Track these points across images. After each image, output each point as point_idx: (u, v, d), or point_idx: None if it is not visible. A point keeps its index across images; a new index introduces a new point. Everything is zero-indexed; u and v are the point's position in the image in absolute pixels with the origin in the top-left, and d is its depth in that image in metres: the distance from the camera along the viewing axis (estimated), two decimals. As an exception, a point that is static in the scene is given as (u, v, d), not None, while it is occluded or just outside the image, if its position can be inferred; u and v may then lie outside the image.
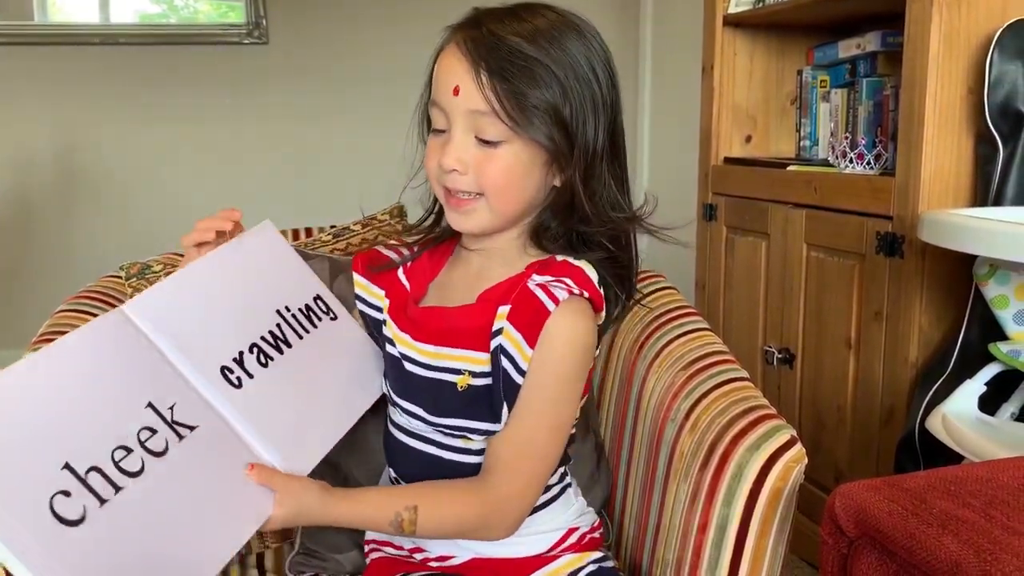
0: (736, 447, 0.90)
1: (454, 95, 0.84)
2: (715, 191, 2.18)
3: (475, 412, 0.89)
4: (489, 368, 0.88)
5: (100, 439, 0.70)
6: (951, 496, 0.74)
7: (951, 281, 1.53)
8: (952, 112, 1.50)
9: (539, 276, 0.89)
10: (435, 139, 0.89)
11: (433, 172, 0.89)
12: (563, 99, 0.85)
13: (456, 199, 0.88)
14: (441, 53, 0.88)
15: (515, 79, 0.83)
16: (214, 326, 0.83)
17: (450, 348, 0.91)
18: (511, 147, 0.86)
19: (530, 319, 0.86)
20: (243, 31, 3.26)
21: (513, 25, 0.85)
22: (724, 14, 2.12)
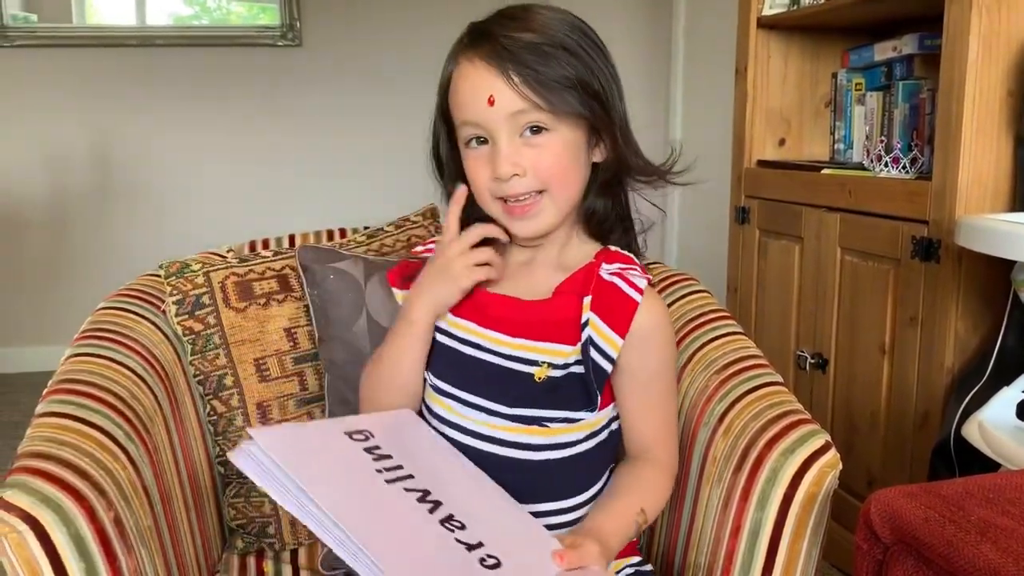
0: (770, 451, 0.90)
1: (489, 105, 0.86)
2: (748, 194, 2.17)
3: (553, 401, 0.90)
4: (572, 360, 0.90)
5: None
6: (989, 503, 0.73)
7: (988, 286, 1.51)
8: (991, 115, 1.48)
9: (608, 265, 0.93)
10: (476, 154, 0.90)
11: (485, 186, 0.90)
12: (588, 72, 0.89)
13: (520, 206, 0.90)
14: (454, 77, 0.90)
15: (542, 68, 0.86)
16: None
17: (529, 340, 0.91)
18: (556, 134, 0.88)
19: (616, 309, 0.90)
20: (277, 33, 3.30)
21: (514, 24, 0.88)
22: (758, 16, 2.11)
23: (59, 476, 0.78)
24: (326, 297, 1.12)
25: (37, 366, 3.14)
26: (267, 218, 3.31)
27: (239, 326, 1.13)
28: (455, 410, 0.93)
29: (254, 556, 1.14)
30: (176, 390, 1.09)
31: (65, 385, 0.94)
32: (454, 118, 0.91)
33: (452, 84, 0.90)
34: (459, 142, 0.92)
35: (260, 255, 1.20)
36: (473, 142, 0.90)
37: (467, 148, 0.91)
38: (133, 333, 1.07)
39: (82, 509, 0.77)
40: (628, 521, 0.90)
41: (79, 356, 1.00)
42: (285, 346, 1.15)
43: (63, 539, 0.75)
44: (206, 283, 1.14)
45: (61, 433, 0.85)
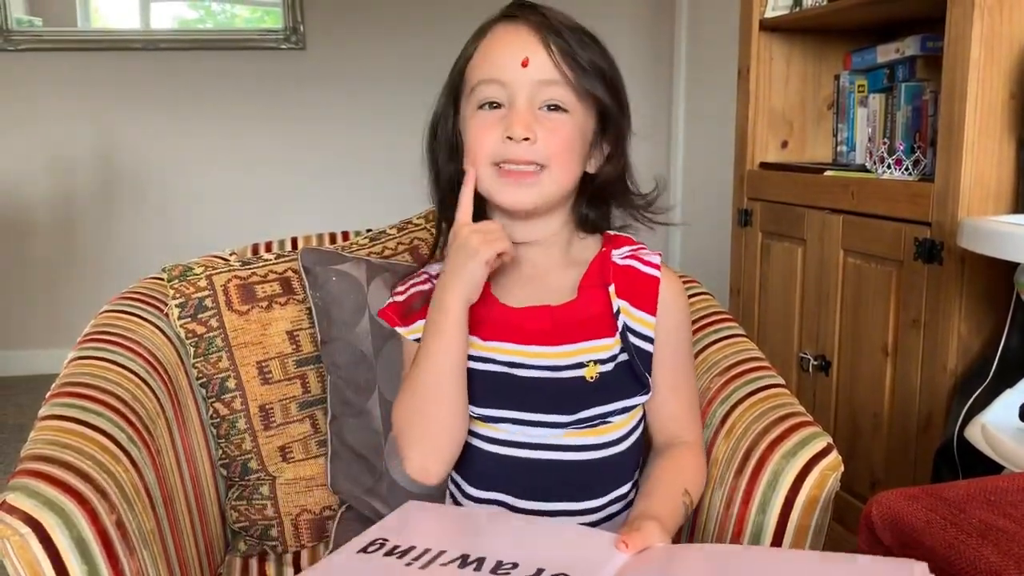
0: (772, 454, 0.90)
1: (522, 67, 0.87)
2: (751, 196, 2.16)
3: (609, 396, 0.90)
4: (615, 352, 0.91)
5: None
6: (991, 506, 0.73)
7: (991, 288, 1.51)
8: (993, 117, 1.48)
9: (617, 250, 0.95)
10: (487, 115, 0.89)
11: (489, 148, 0.89)
12: (610, 67, 0.91)
13: (517, 173, 0.89)
14: (486, 41, 0.91)
15: (578, 48, 0.88)
16: None
17: (570, 344, 0.90)
18: (574, 116, 0.90)
19: (639, 289, 0.93)
20: (281, 36, 3.30)
21: (550, 9, 0.91)
22: (761, 18, 2.11)
23: (62, 479, 0.78)
24: (328, 299, 1.13)
25: (42, 369, 3.15)
26: (271, 220, 3.32)
27: (241, 329, 1.13)
28: (514, 432, 0.91)
29: (256, 559, 1.14)
30: (179, 393, 1.09)
31: (68, 388, 0.94)
32: (471, 80, 0.90)
33: (481, 49, 0.90)
34: (467, 110, 0.91)
35: (262, 258, 1.20)
36: (486, 106, 0.89)
37: (477, 111, 0.90)
38: (136, 336, 1.07)
39: (84, 512, 0.77)
40: (677, 504, 0.89)
41: (82, 359, 1.00)
42: (287, 349, 1.15)
43: (65, 542, 0.76)
44: (208, 286, 1.14)
45: (64, 436, 0.85)
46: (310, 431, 1.16)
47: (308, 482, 1.15)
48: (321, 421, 1.16)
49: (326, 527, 1.15)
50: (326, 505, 1.15)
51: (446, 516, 0.88)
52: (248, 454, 1.14)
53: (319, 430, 1.16)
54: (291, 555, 1.15)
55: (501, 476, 0.92)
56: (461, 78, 0.92)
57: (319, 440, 1.16)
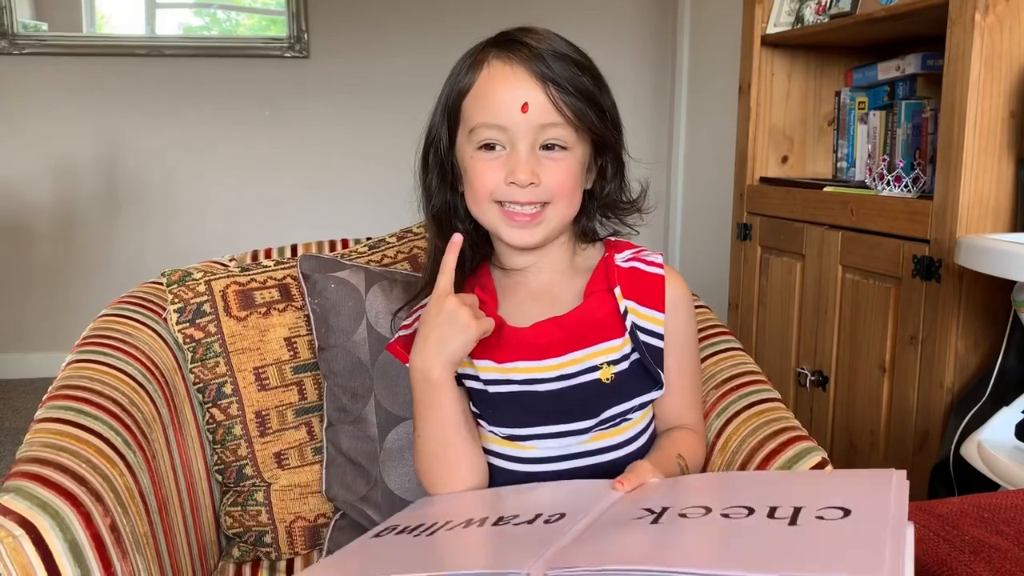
0: (766, 468, 0.90)
1: (522, 112, 0.86)
2: (750, 211, 2.17)
3: (627, 393, 0.91)
4: (626, 351, 0.91)
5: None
6: (983, 523, 0.73)
7: (989, 306, 1.51)
8: (992, 136, 1.49)
9: (619, 254, 0.96)
10: (488, 159, 0.89)
11: (490, 190, 0.89)
12: (602, 89, 0.91)
13: (524, 215, 0.90)
14: (483, 78, 0.89)
15: (574, 85, 0.87)
16: None
17: (580, 351, 0.91)
18: (573, 152, 0.90)
19: (645, 288, 0.94)
20: (285, 45, 3.32)
21: (540, 36, 0.89)
22: (762, 34, 2.12)
23: (56, 482, 0.78)
24: (327, 306, 1.13)
25: (41, 372, 3.16)
26: (272, 228, 3.33)
27: (239, 335, 1.13)
28: (540, 447, 0.92)
29: (250, 565, 1.14)
30: (176, 398, 1.09)
31: (64, 391, 0.94)
32: (470, 119, 0.90)
33: (478, 85, 0.89)
34: (466, 145, 0.91)
35: (262, 264, 1.21)
36: (485, 148, 0.89)
37: (477, 151, 0.90)
38: (134, 340, 1.08)
39: (79, 515, 0.77)
40: (671, 462, 0.90)
41: (79, 362, 1.01)
42: (285, 355, 1.15)
43: (59, 544, 0.75)
44: (207, 291, 1.14)
45: (59, 439, 0.85)
46: (306, 438, 1.16)
47: (303, 489, 1.15)
48: (317, 428, 1.16)
49: (320, 534, 1.15)
50: (320, 512, 1.15)
51: (452, 497, 0.89)
52: (243, 460, 1.14)
53: (315, 437, 1.16)
54: (285, 562, 1.15)
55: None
56: (457, 109, 0.92)
57: (315, 447, 1.16)
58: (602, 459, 0.92)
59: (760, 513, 0.63)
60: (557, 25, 0.98)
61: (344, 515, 1.12)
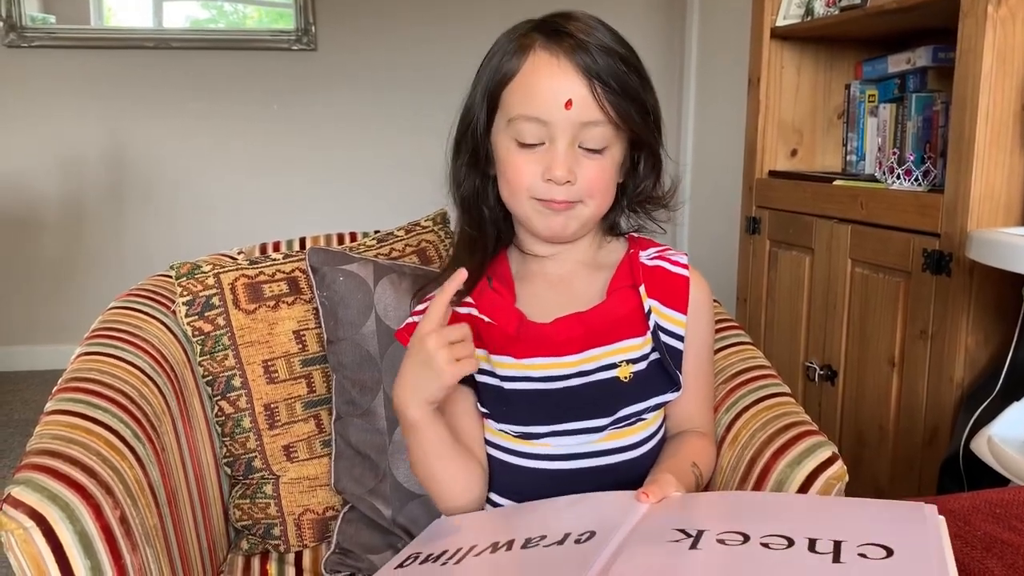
0: (776, 462, 0.90)
1: (566, 108, 0.85)
2: (759, 204, 2.16)
3: (643, 392, 0.91)
4: (646, 351, 0.91)
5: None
6: (996, 519, 0.72)
7: (999, 301, 1.50)
8: (1004, 129, 1.48)
9: (644, 252, 0.96)
10: (526, 154, 0.88)
11: (528, 184, 0.88)
12: (645, 89, 0.90)
13: (558, 204, 0.88)
14: (526, 69, 0.86)
15: (620, 83, 0.85)
16: None
17: (600, 347, 0.90)
18: (611, 151, 0.89)
19: (670, 289, 0.93)
20: (292, 37, 3.31)
21: (586, 27, 0.87)
22: (772, 27, 2.11)
23: (66, 474, 0.79)
24: (335, 299, 1.13)
25: (49, 365, 3.17)
26: (280, 221, 3.33)
27: (248, 327, 1.13)
28: (554, 444, 0.91)
29: (259, 557, 1.15)
30: (185, 390, 1.09)
31: (74, 383, 0.94)
32: (510, 108, 0.88)
33: (521, 74, 0.87)
34: (503, 133, 0.89)
35: (270, 257, 1.21)
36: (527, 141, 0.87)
37: (515, 144, 0.88)
38: (143, 333, 1.08)
39: (88, 507, 0.77)
40: (688, 471, 0.89)
41: (89, 355, 1.01)
42: (293, 348, 1.15)
43: (69, 536, 0.76)
44: (216, 284, 1.14)
45: (69, 431, 0.85)
46: (314, 431, 1.16)
47: (311, 482, 1.15)
48: (326, 421, 1.16)
49: (329, 527, 1.15)
50: (329, 505, 1.15)
51: (471, 520, 0.89)
52: (252, 453, 1.14)
53: (323, 430, 1.16)
54: (293, 555, 1.15)
55: (539, 490, 0.91)
56: (498, 95, 0.89)
57: (323, 440, 1.16)
58: (615, 459, 0.91)
59: (800, 545, 0.62)
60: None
61: (353, 508, 1.12)
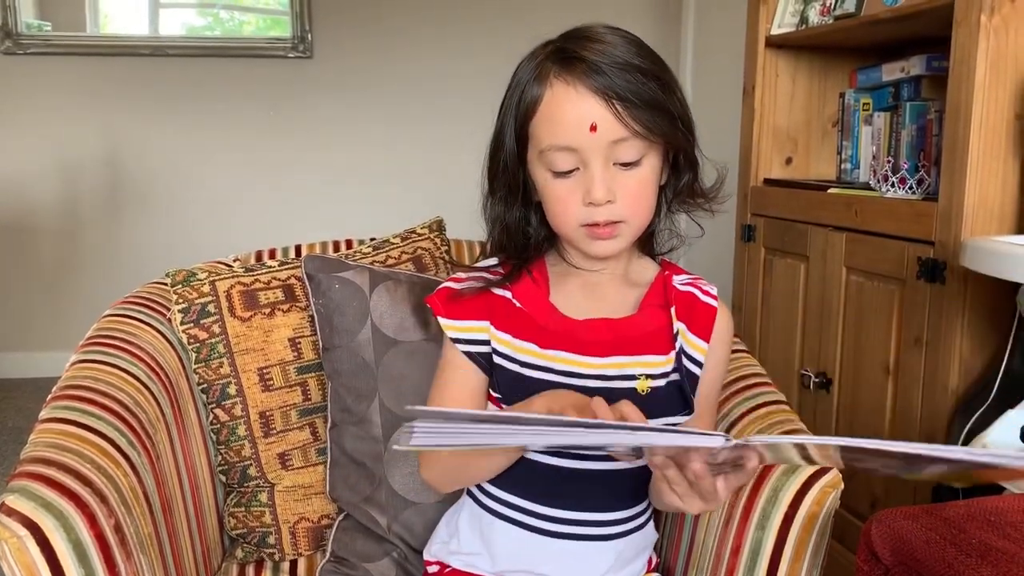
0: (771, 471, 0.90)
1: (591, 132, 0.85)
2: (754, 212, 2.17)
3: (659, 411, 0.91)
4: (667, 369, 0.92)
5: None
6: (990, 527, 0.73)
7: (994, 309, 1.51)
8: (998, 138, 1.48)
9: (677, 276, 0.98)
10: (563, 183, 0.88)
11: (575, 214, 0.88)
12: (670, 92, 0.89)
13: (604, 229, 0.89)
14: (547, 99, 0.87)
15: (640, 96, 0.85)
16: None
17: (624, 356, 0.91)
18: (648, 161, 0.89)
19: (698, 316, 0.95)
20: (288, 45, 3.32)
21: (599, 45, 0.87)
22: (766, 35, 2.12)
23: (61, 482, 0.78)
24: (331, 306, 1.13)
25: (45, 372, 3.16)
26: (277, 228, 3.33)
27: (243, 335, 1.13)
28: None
29: (253, 566, 1.14)
30: (180, 398, 1.09)
31: (69, 391, 0.94)
32: (539, 141, 0.88)
33: (543, 106, 0.87)
34: (537, 164, 0.90)
35: (266, 265, 1.21)
36: (560, 172, 0.88)
37: (552, 175, 0.89)
38: (138, 340, 1.08)
39: (83, 515, 0.77)
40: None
41: (84, 362, 1.01)
42: (289, 356, 1.15)
43: (63, 545, 0.75)
44: (212, 292, 1.14)
45: (64, 439, 0.85)
46: (310, 438, 1.16)
47: (307, 490, 1.15)
48: (321, 429, 1.16)
49: (324, 535, 1.15)
50: (324, 513, 1.15)
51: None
52: (247, 461, 1.14)
53: (319, 438, 1.16)
54: (288, 563, 1.15)
55: (537, 483, 0.92)
56: (526, 127, 0.90)
57: (319, 448, 1.16)
58: (620, 465, 0.91)
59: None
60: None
61: (348, 516, 1.12)
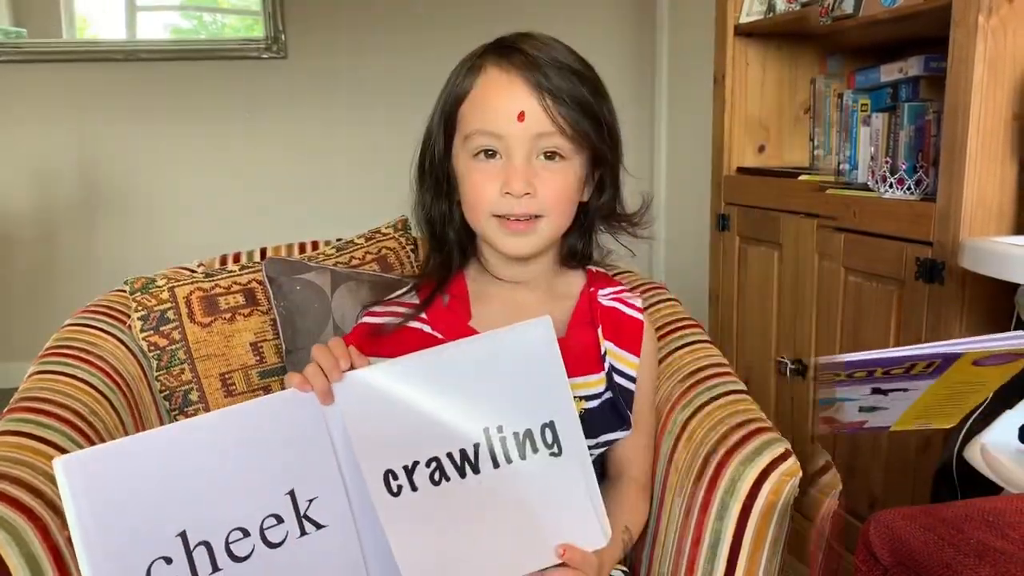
0: (729, 460, 0.90)
1: (518, 120, 0.85)
2: (728, 201, 2.16)
3: (594, 430, 0.91)
4: (600, 389, 0.92)
5: (225, 516, 0.69)
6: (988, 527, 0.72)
7: (992, 309, 1.50)
8: (996, 138, 1.47)
9: (603, 291, 0.98)
10: (484, 167, 0.89)
11: (488, 201, 0.89)
12: (602, 102, 0.90)
13: (516, 223, 0.89)
14: (479, 84, 0.88)
15: (571, 96, 0.86)
16: (404, 426, 0.76)
17: None
18: (571, 162, 0.89)
19: (624, 331, 0.96)
20: (262, 46, 3.30)
21: (539, 43, 0.88)
22: (735, 24, 2.11)
23: (12, 496, 0.78)
24: (293, 308, 1.12)
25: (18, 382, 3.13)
26: (253, 230, 3.30)
27: (204, 341, 1.13)
28: None
29: (223, 571, 1.14)
30: (141, 406, 1.09)
31: (24, 403, 0.94)
32: (466, 126, 0.89)
33: (475, 92, 0.89)
34: (461, 152, 0.91)
35: (227, 269, 1.20)
36: (482, 155, 0.89)
37: (473, 160, 0.89)
38: (97, 350, 1.07)
39: (36, 528, 0.77)
40: (616, 540, 0.89)
41: (40, 374, 1.00)
42: (251, 360, 1.15)
43: (15, 559, 0.75)
44: (171, 298, 1.14)
45: (17, 452, 0.85)
46: (276, 442, 1.15)
47: (273, 494, 1.14)
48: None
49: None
50: (292, 517, 1.15)
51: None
52: (213, 466, 1.13)
53: (285, 441, 1.16)
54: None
55: None
56: (454, 115, 0.91)
57: (285, 451, 1.15)
58: None
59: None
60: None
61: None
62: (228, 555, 0.69)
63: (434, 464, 0.76)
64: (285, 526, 0.72)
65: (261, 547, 0.71)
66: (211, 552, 0.69)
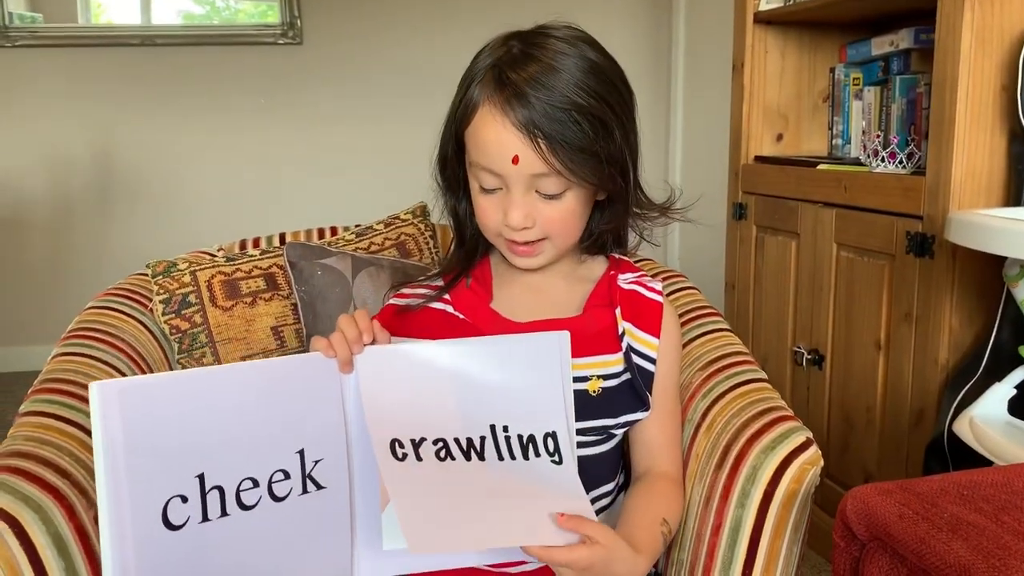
0: (751, 448, 0.90)
1: (513, 164, 0.85)
2: (745, 190, 2.16)
3: (612, 409, 0.92)
4: (618, 369, 0.93)
5: (241, 464, 0.72)
6: (963, 500, 0.73)
7: (982, 282, 1.50)
8: (984, 110, 1.47)
9: (623, 275, 0.98)
10: (488, 197, 0.90)
11: (493, 227, 0.91)
12: (606, 134, 0.87)
13: (522, 247, 0.91)
14: (478, 118, 0.87)
15: (567, 137, 0.84)
16: (415, 406, 0.80)
17: (574, 358, 0.89)
18: (571, 194, 0.89)
19: (643, 313, 0.96)
20: (278, 32, 3.30)
21: (539, 72, 0.84)
22: (755, 11, 2.10)
23: (39, 475, 0.79)
24: (314, 293, 1.13)
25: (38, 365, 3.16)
26: (269, 216, 3.33)
27: (225, 324, 1.13)
28: None
29: (243, 553, 1.15)
30: (163, 389, 1.09)
31: (48, 384, 0.94)
32: (470, 152, 0.90)
33: (475, 123, 0.87)
34: (471, 170, 0.91)
35: (248, 254, 1.21)
36: (485, 183, 0.89)
37: (481, 190, 0.90)
38: (119, 332, 1.08)
39: (62, 508, 0.78)
40: (656, 532, 0.89)
41: (64, 355, 1.01)
42: (272, 344, 1.15)
43: (43, 538, 0.76)
44: (192, 282, 1.14)
45: (43, 432, 0.86)
46: (295, 426, 1.16)
47: (293, 477, 1.15)
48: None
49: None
50: (312, 500, 1.15)
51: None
52: (233, 449, 1.14)
53: (304, 425, 1.16)
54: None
55: None
56: (462, 135, 0.90)
57: (304, 435, 1.16)
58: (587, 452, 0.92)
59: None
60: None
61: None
62: (237, 502, 0.72)
63: (441, 443, 0.79)
64: (290, 482, 0.76)
65: (267, 499, 0.74)
66: (223, 497, 0.71)
